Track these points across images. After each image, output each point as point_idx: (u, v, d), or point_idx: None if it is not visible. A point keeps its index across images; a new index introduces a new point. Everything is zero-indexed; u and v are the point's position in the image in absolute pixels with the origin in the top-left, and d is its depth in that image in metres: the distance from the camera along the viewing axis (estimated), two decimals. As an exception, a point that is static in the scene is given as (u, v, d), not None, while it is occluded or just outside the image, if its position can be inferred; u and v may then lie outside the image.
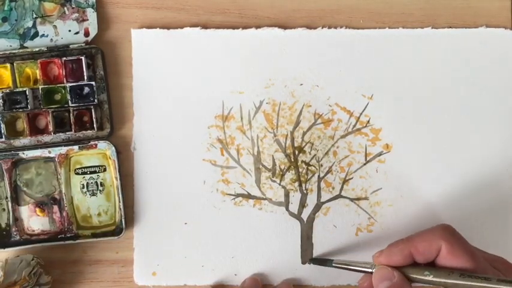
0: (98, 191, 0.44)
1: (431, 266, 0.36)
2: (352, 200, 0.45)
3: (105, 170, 0.44)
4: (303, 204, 0.45)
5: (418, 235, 0.37)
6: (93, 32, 0.44)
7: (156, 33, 0.45)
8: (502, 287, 0.33)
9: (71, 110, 0.43)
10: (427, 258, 0.36)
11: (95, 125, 0.43)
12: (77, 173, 0.44)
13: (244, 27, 0.45)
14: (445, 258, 0.35)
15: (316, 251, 0.44)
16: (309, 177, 0.45)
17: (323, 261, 0.43)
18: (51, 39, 0.44)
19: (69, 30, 0.44)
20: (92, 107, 0.43)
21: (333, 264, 0.41)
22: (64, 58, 0.43)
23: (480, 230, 0.44)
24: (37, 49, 0.43)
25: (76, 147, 0.44)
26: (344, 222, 0.44)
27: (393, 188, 0.45)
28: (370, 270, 0.38)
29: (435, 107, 0.45)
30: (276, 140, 0.45)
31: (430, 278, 0.35)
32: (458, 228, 0.44)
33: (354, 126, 0.45)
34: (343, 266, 0.41)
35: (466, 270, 0.34)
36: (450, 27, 0.45)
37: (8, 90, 0.43)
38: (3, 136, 0.43)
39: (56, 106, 0.43)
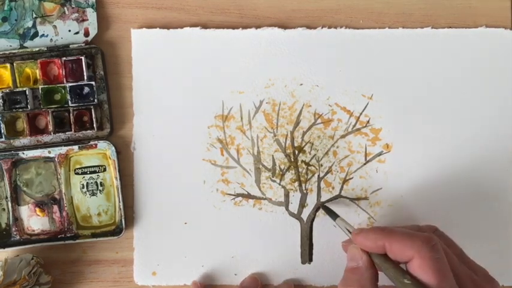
0: (98, 191, 0.44)
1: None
2: (352, 200, 0.45)
3: (105, 170, 0.44)
4: (302, 204, 0.45)
5: (398, 233, 0.36)
6: (93, 32, 0.44)
7: (156, 33, 0.45)
8: None
9: (71, 110, 0.43)
10: (397, 259, 0.36)
11: (94, 125, 0.43)
12: (77, 173, 0.44)
13: (244, 27, 0.45)
14: (414, 269, 0.35)
15: (316, 251, 0.44)
16: (308, 177, 0.45)
17: (331, 212, 0.43)
18: (51, 39, 0.44)
19: (69, 30, 0.44)
20: (91, 107, 0.43)
21: (336, 222, 0.41)
22: (64, 58, 0.43)
23: (481, 229, 0.44)
24: (37, 49, 0.43)
25: (76, 147, 0.44)
26: (344, 222, 0.45)
27: (393, 188, 0.45)
28: None
29: (435, 107, 0.45)
30: (276, 140, 0.45)
31: (389, 273, 0.36)
32: (457, 227, 0.44)
33: (354, 126, 0.45)
34: (341, 227, 0.41)
35: (430, 287, 0.34)
36: (450, 27, 0.45)
37: (8, 90, 0.43)
38: (3, 136, 0.43)
39: (55, 106, 0.43)
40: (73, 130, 0.43)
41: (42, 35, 0.44)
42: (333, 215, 0.42)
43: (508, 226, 0.45)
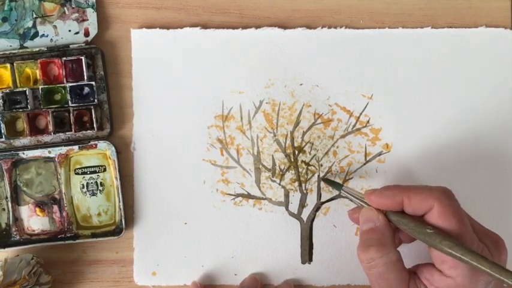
0: (98, 191, 0.44)
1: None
2: (352, 200, 0.44)
3: (105, 170, 0.44)
4: (302, 204, 0.45)
5: (415, 187, 0.37)
6: (93, 32, 0.44)
7: (156, 33, 0.45)
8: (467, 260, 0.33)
9: (71, 110, 0.43)
10: (416, 212, 0.36)
11: (95, 125, 0.43)
12: (77, 173, 0.44)
13: (244, 27, 0.45)
14: (434, 218, 0.35)
15: (316, 251, 0.44)
16: (308, 177, 0.45)
17: (334, 183, 0.43)
18: (51, 39, 0.44)
19: (69, 30, 0.44)
20: (92, 107, 0.43)
21: (341, 192, 0.42)
22: (64, 58, 0.43)
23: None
24: (37, 49, 0.43)
25: (76, 147, 0.44)
26: (344, 222, 0.44)
27: (393, 188, 0.45)
28: (366, 205, 0.39)
29: (435, 107, 0.45)
30: (276, 140, 0.45)
31: (409, 227, 0.36)
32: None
33: (354, 126, 0.45)
34: (349, 195, 0.41)
35: (451, 234, 0.34)
36: (450, 27, 0.45)
37: (8, 90, 0.43)
38: (3, 136, 0.43)
39: (56, 106, 0.43)
40: (73, 130, 0.43)
41: (42, 35, 0.44)
42: (337, 186, 0.42)
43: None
